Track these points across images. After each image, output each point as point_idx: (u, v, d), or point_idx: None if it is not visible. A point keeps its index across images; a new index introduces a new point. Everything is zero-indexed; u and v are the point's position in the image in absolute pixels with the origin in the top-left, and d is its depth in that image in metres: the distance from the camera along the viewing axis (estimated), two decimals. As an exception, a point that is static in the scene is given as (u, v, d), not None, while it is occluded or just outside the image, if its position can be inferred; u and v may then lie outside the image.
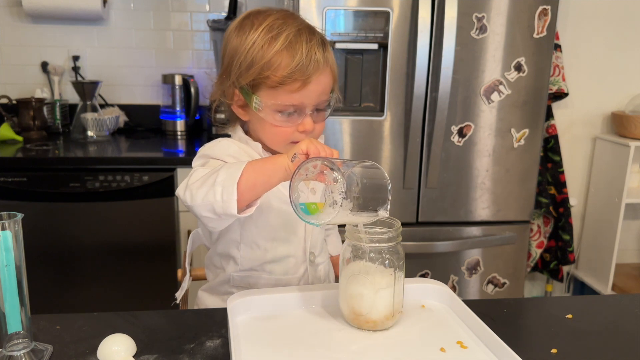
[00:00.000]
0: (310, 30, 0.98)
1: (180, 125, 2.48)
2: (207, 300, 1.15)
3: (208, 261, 1.16)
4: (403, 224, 0.89)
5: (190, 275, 1.22)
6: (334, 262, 1.23)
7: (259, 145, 1.04)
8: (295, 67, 0.93)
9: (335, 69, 1.01)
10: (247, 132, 1.09)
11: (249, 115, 1.03)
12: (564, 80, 2.42)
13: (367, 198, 0.76)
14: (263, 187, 0.87)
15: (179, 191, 0.93)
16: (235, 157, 1.01)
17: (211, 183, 0.87)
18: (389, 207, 0.80)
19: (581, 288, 2.79)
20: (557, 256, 2.57)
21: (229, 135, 1.10)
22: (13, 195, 2.00)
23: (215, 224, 0.94)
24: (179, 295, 1.15)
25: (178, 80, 2.46)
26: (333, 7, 1.84)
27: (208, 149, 1.04)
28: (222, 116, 1.12)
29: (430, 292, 0.99)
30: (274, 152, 1.05)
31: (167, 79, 2.47)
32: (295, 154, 0.82)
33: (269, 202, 1.02)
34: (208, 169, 0.92)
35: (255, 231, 1.05)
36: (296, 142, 0.97)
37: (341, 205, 0.74)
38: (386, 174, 0.82)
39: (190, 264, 1.24)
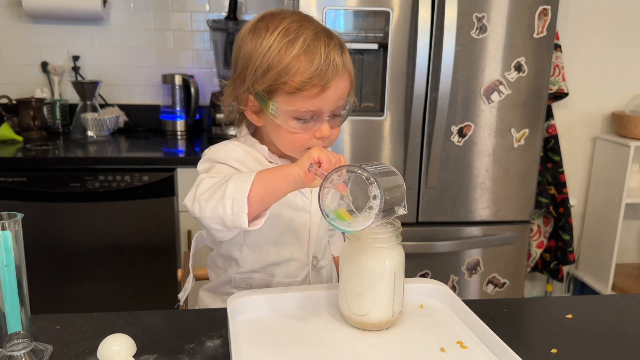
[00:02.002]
0: (327, 33, 0.95)
1: (180, 125, 2.48)
2: (207, 300, 1.15)
3: (210, 262, 1.16)
4: (403, 224, 0.89)
5: (193, 277, 1.22)
6: (336, 262, 1.23)
7: (265, 148, 1.03)
8: (314, 72, 0.90)
9: (352, 73, 0.99)
10: (253, 134, 1.07)
11: (264, 120, 1.00)
12: (564, 80, 2.42)
13: (390, 203, 0.78)
14: (273, 198, 0.87)
15: (187, 202, 0.92)
16: (241, 161, 1.00)
17: (220, 195, 0.86)
18: (405, 204, 0.82)
19: (581, 288, 2.79)
20: (557, 256, 2.57)
21: (233, 135, 1.09)
22: (13, 195, 2.00)
23: (224, 235, 0.94)
24: (182, 296, 1.15)
25: (178, 80, 2.46)
26: (333, 7, 1.84)
27: (213, 152, 1.02)
28: (222, 115, 1.10)
29: (430, 292, 0.99)
30: (280, 155, 1.04)
31: (167, 79, 2.47)
32: (311, 164, 0.82)
33: (274, 206, 1.01)
34: (215, 178, 0.91)
35: (259, 234, 1.04)
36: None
37: (375, 217, 0.76)
38: (399, 173, 0.82)
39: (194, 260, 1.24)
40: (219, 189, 0.87)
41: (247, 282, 1.09)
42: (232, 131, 1.10)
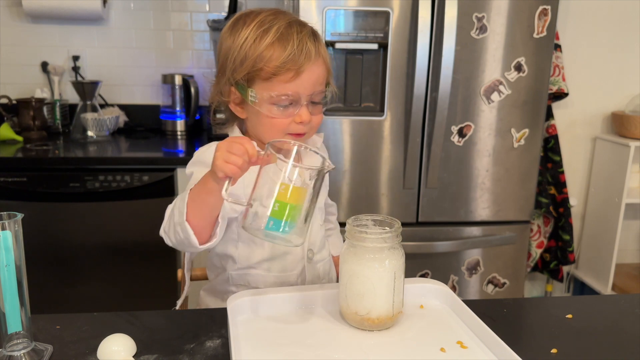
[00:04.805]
0: (300, 23, 1.01)
1: (180, 125, 2.48)
2: (207, 300, 1.16)
3: (209, 261, 1.17)
4: (403, 224, 0.89)
5: (190, 281, 1.23)
6: (335, 262, 1.23)
7: (253, 143, 1.05)
8: (287, 57, 0.95)
9: (328, 61, 1.03)
10: (244, 132, 1.10)
11: (246, 112, 1.04)
12: (564, 80, 2.42)
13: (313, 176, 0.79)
14: (212, 213, 0.90)
15: (161, 232, 0.96)
16: None
17: (172, 223, 0.91)
18: (328, 162, 0.82)
19: (581, 288, 2.79)
20: (557, 256, 2.57)
21: (227, 135, 1.10)
22: (13, 195, 2.00)
23: (200, 251, 0.97)
24: (179, 302, 1.17)
25: (178, 80, 2.46)
26: (333, 7, 1.84)
27: (200, 154, 1.05)
28: (223, 116, 1.12)
29: (430, 292, 0.99)
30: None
31: (167, 79, 2.47)
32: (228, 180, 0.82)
33: (265, 201, 1.02)
34: (180, 198, 0.93)
35: None
36: (293, 134, 1.02)
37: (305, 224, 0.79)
38: (304, 144, 0.83)
39: (192, 266, 1.24)
40: (171, 216, 0.92)
41: (245, 279, 1.09)
42: (227, 131, 1.12)
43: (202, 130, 2.60)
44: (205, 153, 1.04)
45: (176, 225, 0.90)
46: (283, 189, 0.78)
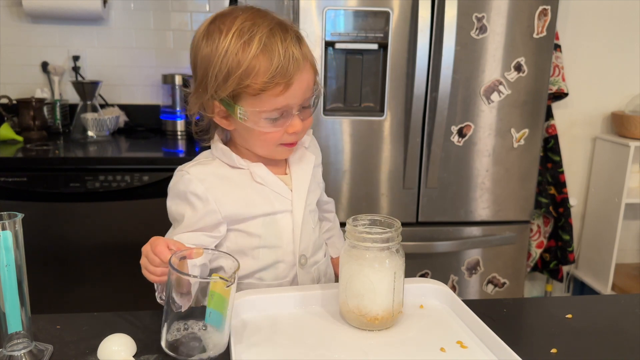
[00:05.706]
0: (282, 27, 0.93)
1: (180, 125, 2.48)
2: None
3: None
4: (403, 224, 0.89)
5: None
6: (335, 263, 1.22)
7: (232, 155, 1.01)
8: (275, 70, 0.89)
9: (314, 62, 0.97)
10: (228, 141, 1.06)
11: (234, 124, 0.98)
12: (564, 80, 2.42)
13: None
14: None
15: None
16: (198, 195, 0.98)
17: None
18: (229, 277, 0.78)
19: (581, 288, 2.79)
20: (557, 256, 2.57)
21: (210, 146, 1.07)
22: (13, 195, 2.00)
23: None
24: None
25: (178, 80, 2.46)
26: (333, 7, 1.84)
27: (174, 184, 1.03)
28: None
29: (430, 292, 0.99)
30: (253, 160, 1.03)
31: (167, 79, 2.47)
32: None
33: (251, 211, 1.01)
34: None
35: (241, 241, 1.03)
36: (286, 144, 0.99)
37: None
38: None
39: None
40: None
41: (238, 288, 1.08)
42: (210, 143, 1.08)
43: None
44: (178, 185, 1.01)
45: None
46: (216, 281, 0.76)
